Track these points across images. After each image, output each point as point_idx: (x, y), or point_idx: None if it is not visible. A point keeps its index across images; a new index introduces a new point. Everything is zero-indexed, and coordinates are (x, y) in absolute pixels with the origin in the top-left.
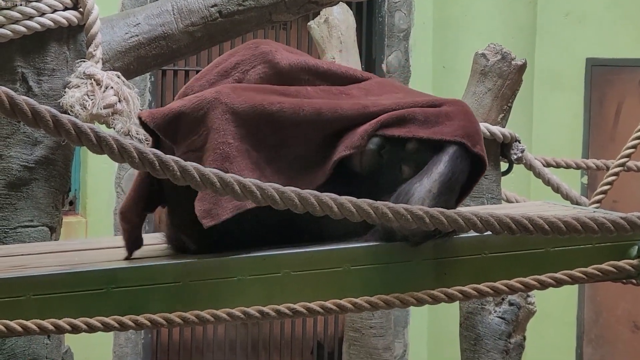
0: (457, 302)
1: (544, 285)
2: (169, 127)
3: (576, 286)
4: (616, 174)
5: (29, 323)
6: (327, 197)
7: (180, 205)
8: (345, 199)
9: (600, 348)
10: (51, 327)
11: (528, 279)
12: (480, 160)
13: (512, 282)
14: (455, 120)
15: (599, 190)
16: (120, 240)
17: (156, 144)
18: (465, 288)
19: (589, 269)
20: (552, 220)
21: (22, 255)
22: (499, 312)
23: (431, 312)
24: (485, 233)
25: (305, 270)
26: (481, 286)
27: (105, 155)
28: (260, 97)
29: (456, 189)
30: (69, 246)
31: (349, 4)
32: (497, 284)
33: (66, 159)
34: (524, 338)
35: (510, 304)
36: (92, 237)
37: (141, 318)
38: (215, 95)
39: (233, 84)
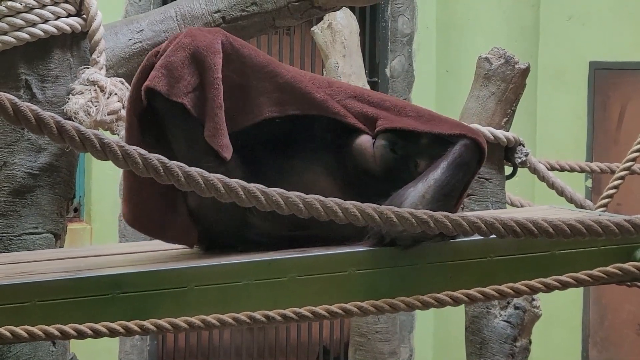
0: (463, 306)
1: (549, 288)
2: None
3: (581, 289)
4: (622, 177)
5: (34, 329)
6: (332, 201)
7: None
8: (349, 204)
9: (605, 351)
10: (56, 333)
11: (533, 282)
12: (482, 158)
13: (518, 285)
14: (451, 121)
15: (605, 194)
16: (126, 247)
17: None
18: (471, 291)
19: (595, 272)
20: (557, 223)
21: (27, 262)
22: (505, 315)
23: (437, 317)
24: (490, 237)
25: (311, 274)
26: (487, 289)
27: (110, 162)
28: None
29: (453, 195)
30: (74, 253)
31: (352, 9)
32: (503, 287)
33: (70, 166)
34: (530, 341)
35: (516, 308)
36: (97, 243)
37: (147, 323)
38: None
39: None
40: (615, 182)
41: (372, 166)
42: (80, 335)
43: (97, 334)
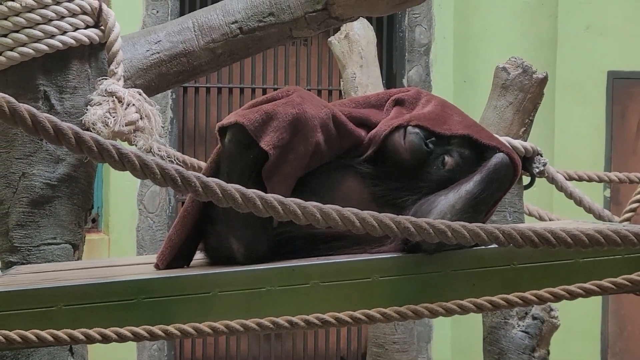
0: (481, 316)
1: (573, 296)
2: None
3: (600, 300)
4: None
5: (59, 333)
6: (349, 211)
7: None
8: (367, 214)
9: None
10: (82, 337)
11: (557, 289)
12: (515, 176)
13: (541, 292)
14: (491, 134)
15: (628, 208)
16: (147, 258)
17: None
18: (494, 298)
19: (618, 279)
20: (575, 233)
21: (52, 271)
22: (523, 326)
23: (454, 327)
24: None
25: (334, 280)
26: (510, 296)
27: (128, 172)
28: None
29: (482, 209)
30: (97, 263)
31: (370, 19)
32: (526, 294)
33: (88, 177)
34: (548, 352)
35: (534, 318)
36: (114, 254)
37: (171, 328)
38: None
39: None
40: (639, 196)
41: (403, 155)
42: (105, 339)
43: (122, 338)
